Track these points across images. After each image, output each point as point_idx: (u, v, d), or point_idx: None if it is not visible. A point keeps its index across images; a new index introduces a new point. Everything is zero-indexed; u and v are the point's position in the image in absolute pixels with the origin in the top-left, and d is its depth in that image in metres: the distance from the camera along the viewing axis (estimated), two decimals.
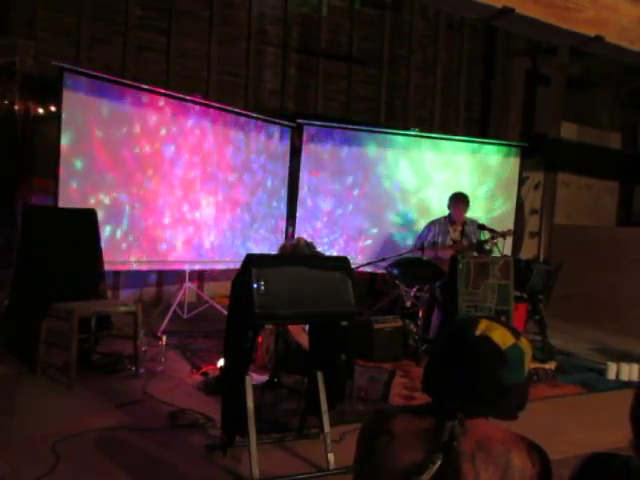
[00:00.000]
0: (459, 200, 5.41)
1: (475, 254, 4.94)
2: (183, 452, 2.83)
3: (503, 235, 5.03)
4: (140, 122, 5.26)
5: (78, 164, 4.85)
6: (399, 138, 6.84)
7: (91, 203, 4.79)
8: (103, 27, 6.08)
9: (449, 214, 5.46)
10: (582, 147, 8.19)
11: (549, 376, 4.35)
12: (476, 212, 6.12)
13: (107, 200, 5.06)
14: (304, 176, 6.51)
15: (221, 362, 3.59)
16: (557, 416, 3.63)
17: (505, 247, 5.19)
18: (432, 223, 5.53)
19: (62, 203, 4.67)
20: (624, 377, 4.49)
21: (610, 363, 4.59)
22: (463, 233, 5.39)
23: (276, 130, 6.44)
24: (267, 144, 6.37)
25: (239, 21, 6.83)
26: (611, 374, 4.54)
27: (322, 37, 7.25)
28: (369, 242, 6.71)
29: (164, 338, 4.72)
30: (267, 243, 6.37)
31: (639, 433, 1.13)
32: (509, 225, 6.73)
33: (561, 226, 8.00)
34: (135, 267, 5.50)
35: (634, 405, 1.16)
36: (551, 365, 4.47)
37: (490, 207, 6.91)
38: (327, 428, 2.72)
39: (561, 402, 3.98)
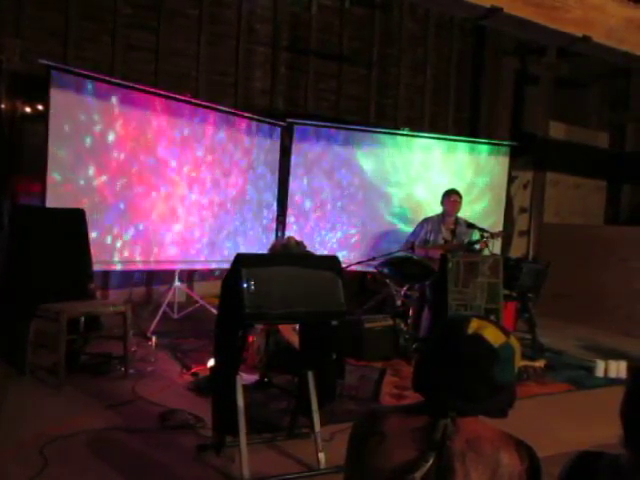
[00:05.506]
0: (452, 193, 5.43)
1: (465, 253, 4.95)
2: (174, 453, 2.82)
3: (493, 236, 5.05)
4: (129, 121, 5.22)
5: (66, 163, 4.81)
6: (389, 137, 6.84)
7: (79, 203, 4.75)
8: (91, 25, 6.02)
9: (442, 212, 5.48)
10: (570, 146, 8.24)
11: (538, 374, 4.38)
12: (465, 210, 6.14)
13: (96, 199, 5.01)
14: (294, 175, 6.50)
15: (211, 362, 3.58)
16: (546, 414, 3.65)
17: (495, 246, 5.21)
18: (426, 220, 5.54)
19: (50, 203, 4.63)
20: (612, 374, 4.53)
21: (598, 360, 4.63)
22: (454, 233, 5.40)
23: (266, 129, 6.43)
24: (257, 143, 6.35)
25: (229, 20, 6.80)
26: (599, 371, 4.58)
27: (312, 36, 7.24)
28: (359, 241, 6.71)
29: (154, 338, 4.71)
30: (257, 242, 6.36)
31: (629, 430, 1.14)
32: (498, 223, 6.78)
33: (550, 225, 8.05)
34: (124, 267, 5.47)
35: (624, 402, 1.17)
36: (540, 363, 4.50)
37: (479, 206, 6.94)
38: (318, 427, 2.72)
39: (550, 400, 4.01)
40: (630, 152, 8.50)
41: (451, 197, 5.40)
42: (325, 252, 6.35)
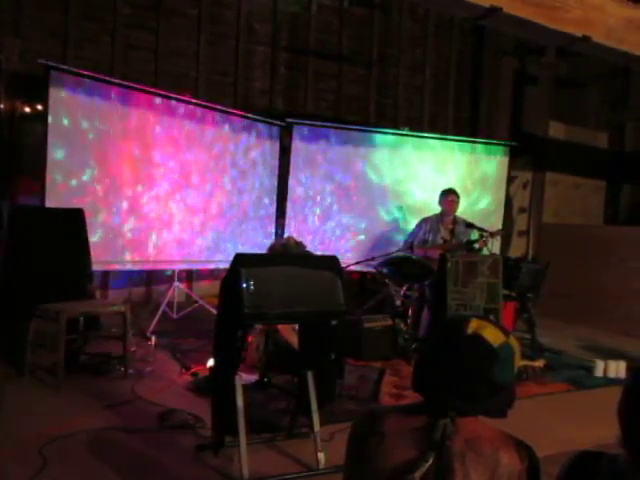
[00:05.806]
0: (450, 192, 5.44)
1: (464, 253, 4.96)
2: (173, 453, 2.82)
3: (492, 235, 5.05)
4: (128, 121, 5.22)
5: (65, 163, 4.80)
6: (389, 137, 6.85)
7: (79, 202, 4.75)
8: (91, 25, 6.02)
9: (441, 211, 5.48)
10: (570, 146, 8.24)
11: (538, 374, 4.38)
12: (464, 210, 6.15)
13: (95, 199, 5.01)
14: (293, 175, 6.50)
15: (211, 362, 3.58)
16: (545, 414, 3.65)
17: (494, 246, 5.21)
18: (424, 220, 5.54)
19: (49, 203, 4.63)
20: (611, 374, 4.54)
21: (598, 360, 4.64)
22: (453, 233, 5.40)
23: (265, 129, 6.43)
24: (256, 143, 6.35)
25: (228, 20, 6.80)
26: (599, 371, 4.58)
27: (311, 36, 7.24)
28: (359, 241, 6.71)
29: (153, 338, 4.70)
30: (257, 243, 6.36)
31: (627, 430, 1.14)
32: (498, 223, 6.78)
33: (549, 225, 8.05)
34: (124, 267, 5.47)
35: (622, 402, 1.17)
36: (540, 363, 4.50)
37: (479, 205, 6.94)
38: (317, 427, 2.72)
39: (549, 400, 4.01)
40: (629, 152, 8.51)
41: (449, 196, 5.41)
42: (324, 252, 6.35)
